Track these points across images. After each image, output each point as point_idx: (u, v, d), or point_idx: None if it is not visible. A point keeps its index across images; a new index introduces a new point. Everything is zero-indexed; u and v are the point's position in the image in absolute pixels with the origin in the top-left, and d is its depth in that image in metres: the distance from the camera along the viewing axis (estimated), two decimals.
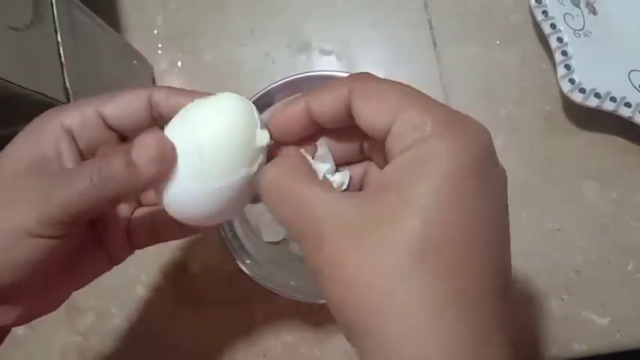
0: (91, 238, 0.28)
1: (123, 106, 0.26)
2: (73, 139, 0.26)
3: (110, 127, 0.26)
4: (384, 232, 0.19)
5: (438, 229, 0.19)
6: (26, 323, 0.27)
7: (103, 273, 0.29)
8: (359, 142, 0.26)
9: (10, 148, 0.25)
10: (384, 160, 0.23)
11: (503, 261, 0.21)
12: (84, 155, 0.26)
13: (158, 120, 0.27)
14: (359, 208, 0.20)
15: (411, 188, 0.19)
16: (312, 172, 0.24)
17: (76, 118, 0.26)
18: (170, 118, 0.26)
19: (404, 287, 0.19)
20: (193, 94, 0.26)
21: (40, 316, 0.27)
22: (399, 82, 0.23)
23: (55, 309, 0.28)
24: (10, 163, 0.25)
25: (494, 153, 0.21)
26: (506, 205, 0.22)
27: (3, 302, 0.25)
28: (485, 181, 0.20)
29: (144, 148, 0.23)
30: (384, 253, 0.19)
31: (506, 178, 0.22)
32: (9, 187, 0.24)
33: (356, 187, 0.27)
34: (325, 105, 0.23)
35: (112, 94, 0.26)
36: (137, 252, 0.31)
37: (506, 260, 0.22)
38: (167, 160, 0.23)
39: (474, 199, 0.20)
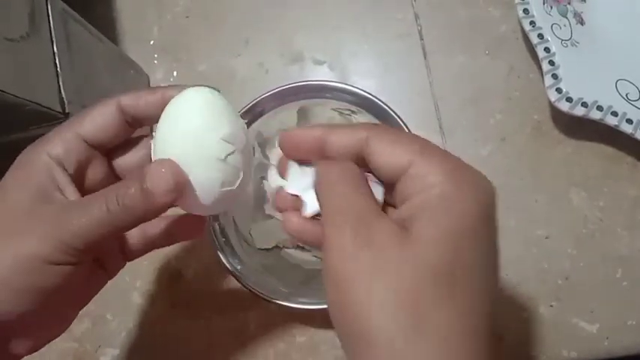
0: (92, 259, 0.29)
1: (97, 122, 0.27)
2: (63, 166, 0.26)
3: (92, 146, 0.27)
4: (419, 260, 0.21)
5: (463, 262, 0.21)
6: (38, 350, 0.27)
7: (101, 289, 0.30)
8: None
9: (6, 182, 0.26)
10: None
11: (493, 300, 0.23)
12: (75, 179, 0.27)
13: (134, 125, 0.28)
14: (392, 234, 0.22)
15: (439, 225, 0.21)
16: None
17: (59, 145, 0.26)
18: (147, 120, 0.28)
19: (440, 315, 0.20)
20: (159, 91, 0.27)
21: (47, 342, 0.28)
22: (415, 134, 0.25)
23: (62, 332, 0.28)
24: (11, 195, 0.25)
25: (496, 206, 0.23)
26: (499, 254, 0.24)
27: (18, 333, 0.26)
28: (493, 225, 0.23)
29: (159, 179, 0.24)
30: (420, 279, 0.20)
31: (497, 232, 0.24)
32: (17, 216, 0.25)
33: None
34: (342, 141, 0.25)
35: (85, 112, 0.27)
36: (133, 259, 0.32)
37: (494, 298, 0.23)
38: (182, 187, 0.25)
39: (487, 240, 0.22)
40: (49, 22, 0.35)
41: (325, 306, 0.39)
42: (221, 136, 0.25)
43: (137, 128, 0.29)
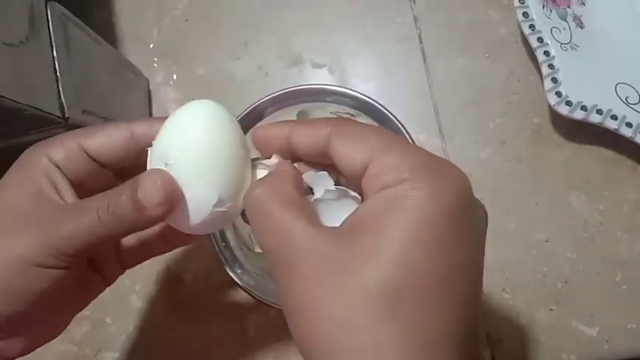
0: (87, 263, 0.29)
1: (105, 141, 0.27)
2: (62, 172, 0.26)
3: (94, 160, 0.27)
4: (359, 276, 0.19)
5: (412, 275, 0.19)
6: (29, 353, 0.27)
7: (98, 295, 0.30)
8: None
9: (3, 182, 0.26)
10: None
11: (474, 306, 0.21)
12: (75, 190, 0.27)
13: (140, 153, 0.27)
14: (335, 247, 0.20)
15: (386, 232, 0.19)
16: (300, 198, 0.23)
17: (61, 152, 0.26)
18: None
19: (376, 336, 0.19)
20: None
21: (41, 345, 0.28)
22: (379, 126, 0.23)
23: (57, 336, 0.28)
24: (8, 195, 0.25)
25: (472, 196, 0.21)
26: (484, 245, 0.22)
27: (6, 335, 0.25)
28: (461, 225, 0.20)
29: (151, 190, 0.23)
30: (358, 298, 0.19)
31: (485, 215, 0.22)
32: (12, 216, 0.25)
33: None
34: (305, 138, 0.24)
35: (95, 128, 0.27)
36: None
37: (476, 303, 0.21)
38: (174, 201, 0.24)
39: (449, 245, 0.20)
40: (49, 26, 0.35)
41: None
42: (223, 153, 0.24)
43: (142, 155, 0.28)
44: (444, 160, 0.21)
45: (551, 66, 0.43)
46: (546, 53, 0.43)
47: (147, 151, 0.26)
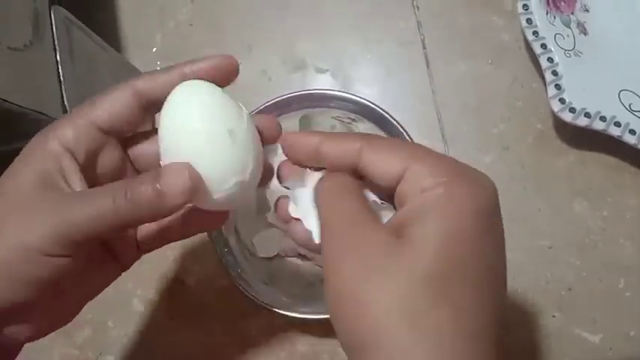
0: (101, 247, 0.28)
1: (111, 108, 0.26)
2: (72, 154, 0.26)
3: (105, 132, 0.27)
4: (412, 262, 0.20)
5: (459, 266, 0.21)
6: (40, 338, 0.27)
7: (114, 280, 0.30)
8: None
9: (12, 169, 0.25)
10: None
11: (503, 302, 0.23)
12: (85, 168, 0.26)
13: (150, 109, 0.27)
14: (389, 237, 0.22)
15: (432, 226, 0.21)
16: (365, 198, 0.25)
17: (70, 132, 0.26)
18: (160, 101, 0.27)
19: (434, 318, 0.20)
20: (175, 69, 0.26)
21: (54, 330, 0.27)
22: (405, 140, 0.25)
23: (70, 321, 0.28)
24: (16, 182, 0.25)
25: (499, 203, 0.23)
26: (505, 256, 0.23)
27: (16, 320, 0.25)
28: (494, 226, 0.22)
29: (175, 179, 0.24)
30: (414, 282, 0.20)
31: (504, 232, 0.23)
32: (18, 204, 0.24)
33: None
34: (337, 151, 0.25)
35: (97, 98, 0.27)
36: (134, 266, 0.31)
37: (504, 300, 0.24)
38: (196, 191, 0.24)
39: (487, 242, 0.22)
40: (53, 30, 0.35)
41: (326, 316, 0.39)
42: (223, 126, 0.25)
43: (154, 112, 0.28)
44: (474, 168, 0.23)
45: (554, 72, 0.43)
46: (550, 60, 0.43)
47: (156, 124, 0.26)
